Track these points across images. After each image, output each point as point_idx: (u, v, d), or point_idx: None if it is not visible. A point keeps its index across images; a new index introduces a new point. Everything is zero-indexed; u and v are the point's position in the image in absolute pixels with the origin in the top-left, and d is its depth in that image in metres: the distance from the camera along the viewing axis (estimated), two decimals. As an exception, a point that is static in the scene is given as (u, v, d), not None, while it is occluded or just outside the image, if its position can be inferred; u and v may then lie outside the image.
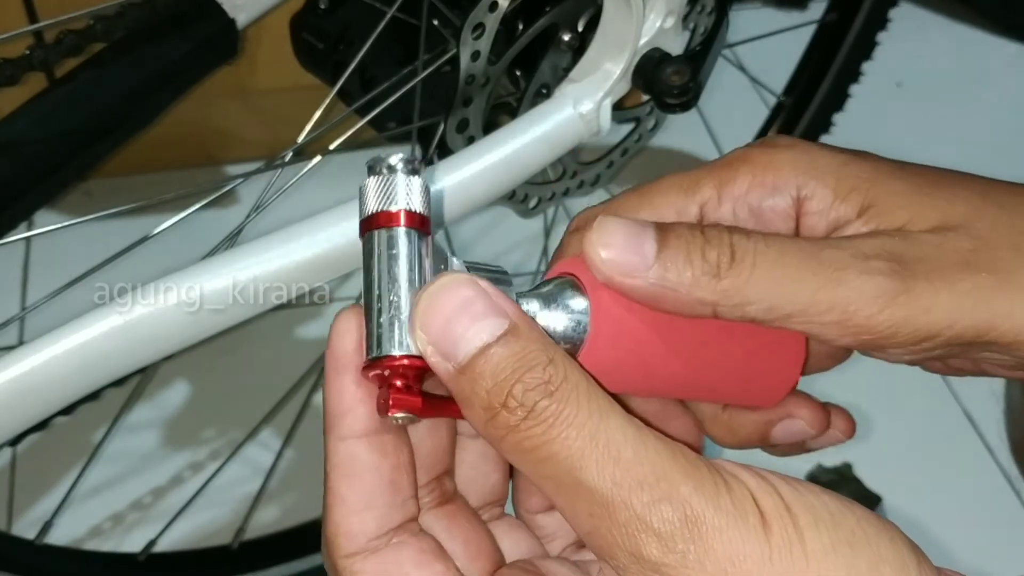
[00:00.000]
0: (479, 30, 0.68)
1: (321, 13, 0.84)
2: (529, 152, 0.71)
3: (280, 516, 1.09)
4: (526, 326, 0.31)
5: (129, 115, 0.70)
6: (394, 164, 0.33)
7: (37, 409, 0.58)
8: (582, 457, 0.29)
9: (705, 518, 0.28)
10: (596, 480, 0.28)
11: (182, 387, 1.23)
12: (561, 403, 0.29)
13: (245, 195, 1.17)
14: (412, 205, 0.32)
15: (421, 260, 0.32)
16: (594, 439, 0.29)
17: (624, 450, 0.29)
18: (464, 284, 0.31)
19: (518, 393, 0.29)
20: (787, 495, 0.29)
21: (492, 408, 0.30)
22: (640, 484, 0.28)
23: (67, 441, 0.98)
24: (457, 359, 0.30)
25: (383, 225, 0.32)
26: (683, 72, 0.74)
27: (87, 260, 0.66)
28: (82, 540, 1.07)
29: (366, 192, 0.33)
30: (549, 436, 0.29)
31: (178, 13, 0.71)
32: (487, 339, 0.30)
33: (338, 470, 0.33)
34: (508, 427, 0.29)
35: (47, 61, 0.70)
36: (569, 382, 0.30)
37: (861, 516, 0.29)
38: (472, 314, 0.30)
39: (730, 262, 0.34)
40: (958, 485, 1.19)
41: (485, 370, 0.30)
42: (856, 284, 0.34)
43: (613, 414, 0.30)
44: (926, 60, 1.74)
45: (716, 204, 0.39)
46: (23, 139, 0.66)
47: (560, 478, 0.29)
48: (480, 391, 0.30)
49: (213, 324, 0.61)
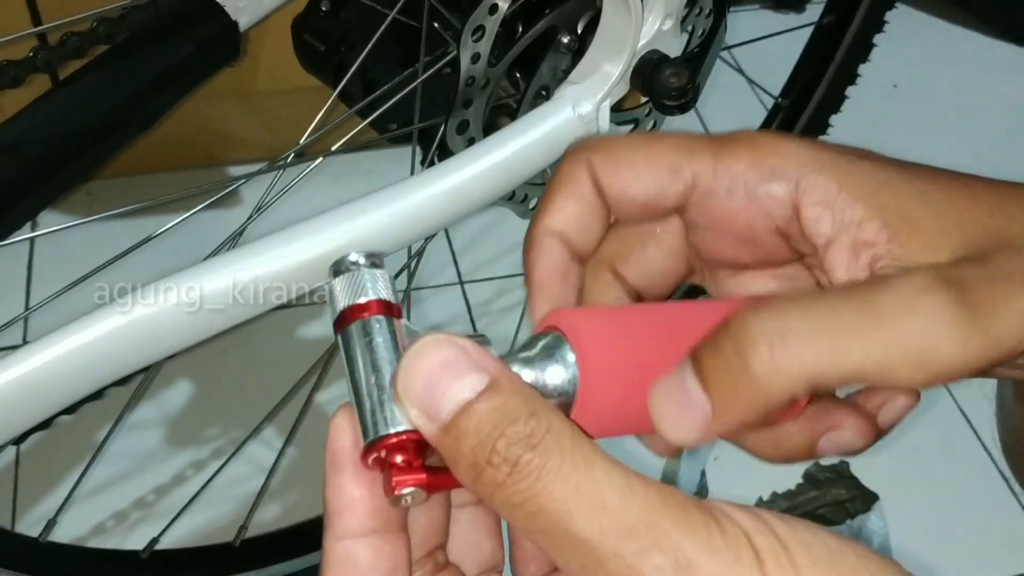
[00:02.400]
0: (479, 32, 0.68)
1: (323, 15, 0.84)
2: (528, 153, 0.71)
3: (282, 514, 1.09)
4: (507, 380, 0.30)
5: (132, 117, 0.70)
6: (356, 260, 0.34)
7: (41, 408, 0.59)
8: (569, 510, 0.28)
9: (698, 563, 0.27)
10: (585, 531, 0.28)
11: (184, 386, 1.23)
12: (545, 455, 0.28)
13: (247, 196, 1.18)
14: (380, 294, 0.33)
15: (398, 343, 0.33)
16: (580, 490, 0.28)
17: (611, 498, 0.28)
18: (443, 344, 0.31)
19: (501, 448, 0.29)
20: (783, 533, 0.28)
21: (478, 466, 0.29)
22: (629, 532, 0.28)
23: (70, 440, 0.99)
24: (441, 418, 0.30)
25: (356, 317, 0.33)
26: (681, 74, 0.74)
27: (90, 260, 0.67)
28: (85, 538, 1.08)
29: (335, 292, 0.34)
30: (535, 490, 0.28)
31: (181, 15, 0.72)
32: (468, 396, 0.30)
33: (334, 570, 0.33)
34: (495, 484, 0.29)
35: (51, 63, 0.70)
36: (552, 433, 0.29)
37: (861, 554, 0.28)
38: (452, 372, 0.30)
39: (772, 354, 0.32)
40: (955, 483, 1.20)
41: (468, 427, 0.29)
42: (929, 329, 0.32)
43: (598, 461, 0.29)
44: (922, 62, 1.75)
45: (711, 175, 0.38)
46: (27, 140, 0.66)
47: (551, 531, 0.28)
48: (465, 449, 0.29)
49: (214, 324, 0.61)
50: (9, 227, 0.66)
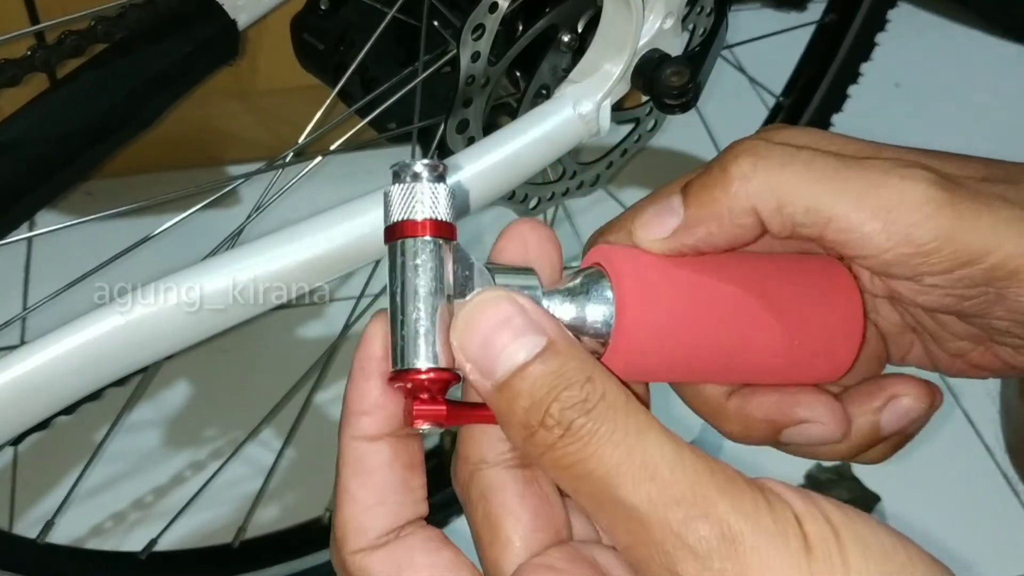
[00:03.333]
0: (479, 31, 0.68)
1: (322, 14, 0.84)
2: (529, 153, 0.71)
3: (281, 515, 1.09)
4: (564, 343, 0.30)
5: (130, 116, 0.70)
6: (419, 171, 0.32)
7: (39, 408, 0.59)
8: (618, 475, 0.28)
9: (743, 536, 0.27)
10: (632, 497, 0.28)
11: (183, 387, 1.23)
12: (598, 421, 0.29)
13: (246, 195, 1.18)
14: (437, 213, 0.32)
15: (445, 271, 0.32)
16: (631, 456, 0.28)
17: (661, 467, 0.28)
18: (502, 301, 0.31)
19: (555, 412, 0.29)
20: (837, 521, 0.28)
21: (530, 426, 0.29)
22: (677, 501, 0.28)
23: (69, 440, 0.99)
24: (495, 377, 0.30)
25: (408, 234, 0.32)
26: (682, 73, 0.74)
27: (88, 260, 0.67)
28: (84, 539, 1.08)
29: (390, 200, 0.32)
30: (586, 454, 0.29)
31: (179, 14, 0.71)
32: (525, 357, 0.30)
33: (350, 467, 0.33)
34: (546, 445, 0.29)
35: (49, 62, 0.70)
36: (606, 400, 0.29)
37: (914, 554, 0.28)
38: (510, 332, 0.30)
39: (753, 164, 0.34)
40: (957, 485, 1.19)
41: (523, 389, 0.30)
42: (901, 187, 0.33)
43: (651, 431, 0.29)
44: (924, 61, 1.75)
45: None
46: (25, 140, 0.66)
47: (597, 495, 0.29)
48: (518, 409, 0.30)
49: (213, 324, 0.61)
50: (7, 226, 0.66)
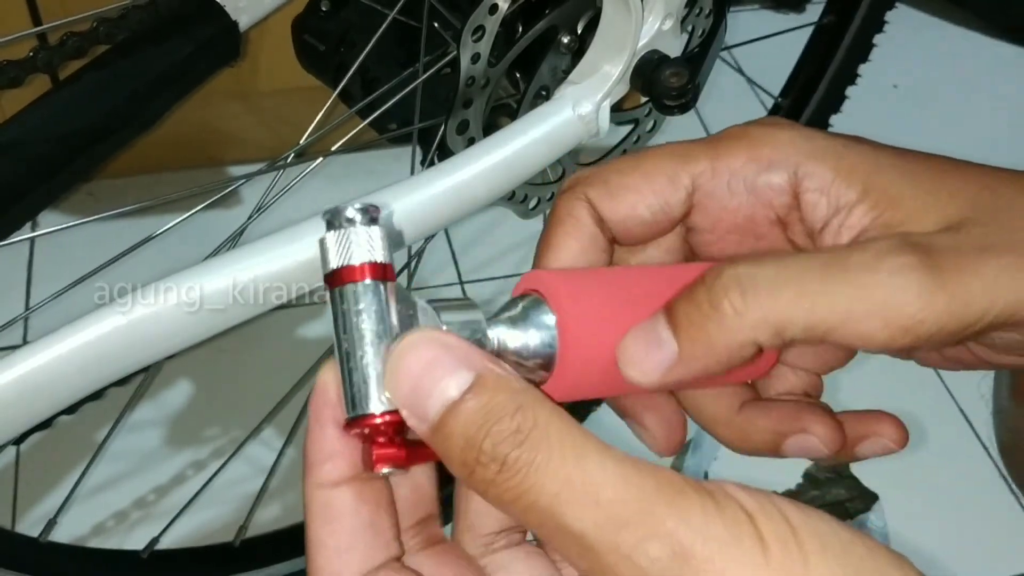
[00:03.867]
0: (479, 32, 0.69)
1: (323, 15, 0.84)
2: (529, 153, 0.71)
3: (282, 514, 1.09)
4: (492, 376, 0.30)
5: (132, 117, 0.70)
6: (351, 216, 0.32)
7: (41, 408, 0.59)
8: (561, 503, 0.28)
9: (694, 550, 0.27)
10: (579, 525, 0.28)
11: (184, 386, 1.23)
12: (532, 451, 0.28)
13: (247, 196, 1.18)
14: (374, 256, 0.32)
15: (387, 311, 0.32)
16: (570, 483, 0.28)
17: (604, 489, 0.28)
18: (427, 343, 0.31)
19: (488, 448, 0.28)
20: (794, 518, 0.28)
21: (468, 464, 0.29)
22: (624, 524, 0.27)
23: (70, 440, 0.99)
24: (429, 419, 0.30)
25: (347, 280, 0.32)
26: (681, 74, 0.74)
27: (91, 260, 0.67)
28: (86, 538, 1.08)
29: (326, 247, 0.33)
30: (526, 486, 0.28)
31: (180, 15, 0.72)
32: (454, 395, 0.29)
33: (318, 516, 0.33)
34: (486, 482, 0.29)
35: (51, 63, 0.70)
36: (539, 427, 0.29)
37: (872, 547, 0.28)
38: (438, 372, 0.30)
39: (743, 298, 0.33)
40: (955, 483, 1.20)
41: (455, 427, 0.29)
42: (892, 284, 0.33)
43: (589, 452, 0.28)
44: (922, 62, 1.75)
45: (710, 175, 0.39)
46: (27, 140, 0.66)
47: (545, 525, 0.28)
48: (454, 448, 0.29)
49: (214, 324, 0.61)
50: (9, 227, 0.66)
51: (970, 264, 0.34)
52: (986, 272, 0.33)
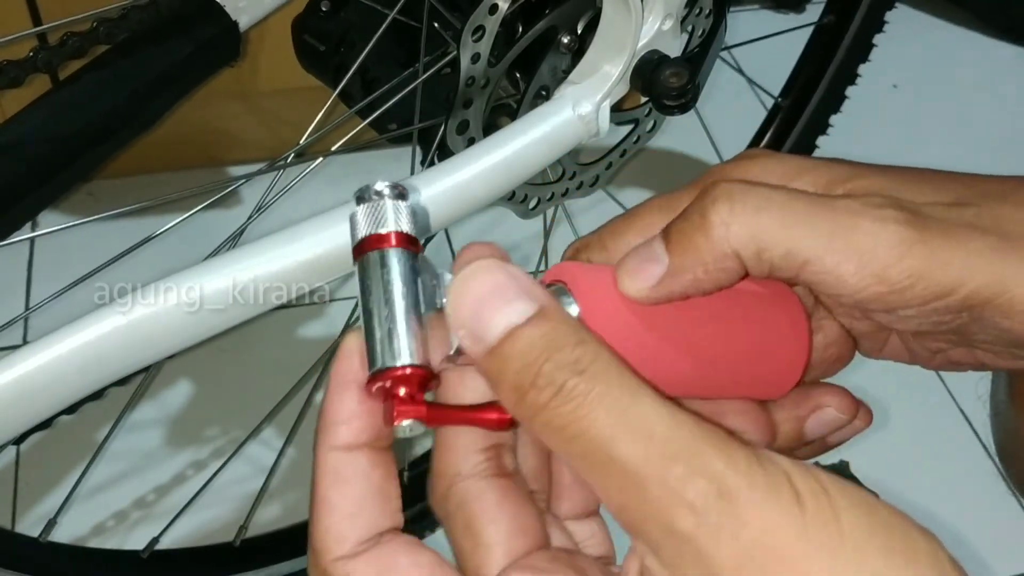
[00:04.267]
0: (479, 32, 0.69)
1: (323, 15, 0.84)
2: (529, 153, 0.71)
3: (282, 514, 1.09)
4: (555, 309, 0.31)
5: (132, 117, 0.70)
6: (381, 190, 0.34)
7: (41, 408, 0.59)
8: (613, 435, 0.28)
9: (739, 491, 0.28)
10: (628, 456, 0.28)
11: (185, 386, 1.23)
12: (591, 381, 0.29)
13: (247, 196, 1.18)
14: (401, 227, 0.34)
15: (414, 276, 0.34)
16: (625, 416, 0.29)
17: (656, 427, 0.28)
18: (494, 269, 0.32)
19: (547, 372, 0.29)
20: (824, 479, 0.29)
21: (521, 388, 0.30)
22: (673, 458, 0.28)
23: (71, 440, 0.99)
24: (486, 341, 0.31)
25: (376, 247, 0.33)
26: (681, 74, 0.74)
27: (91, 260, 0.67)
28: (86, 538, 1.08)
29: (356, 220, 0.34)
30: (579, 414, 0.29)
31: (181, 15, 0.72)
32: (516, 320, 0.30)
33: (328, 478, 0.34)
34: (537, 407, 0.29)
35: (51, 63, 0.70)
36: (599, 361, 0.29)
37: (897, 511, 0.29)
38: (503, 297, 0.31)
39: (731, 210, 0.34)
40: (956, 485, 1.20)
41: (514, 350, 0.30)
42: (873, 230, 0.34)
43: (645, 393, 0.29)
44: (922, 62, 1.75)
45: None
46: (27, 141, 0.66)
47: (591, 456, 0.29)
48: (509, 371, 0.30)
49: (213, 324, 0.61)
50: (9, 227, 0.66)
51: (954, 233, 0.35)
52: (969, 245, 0.34)
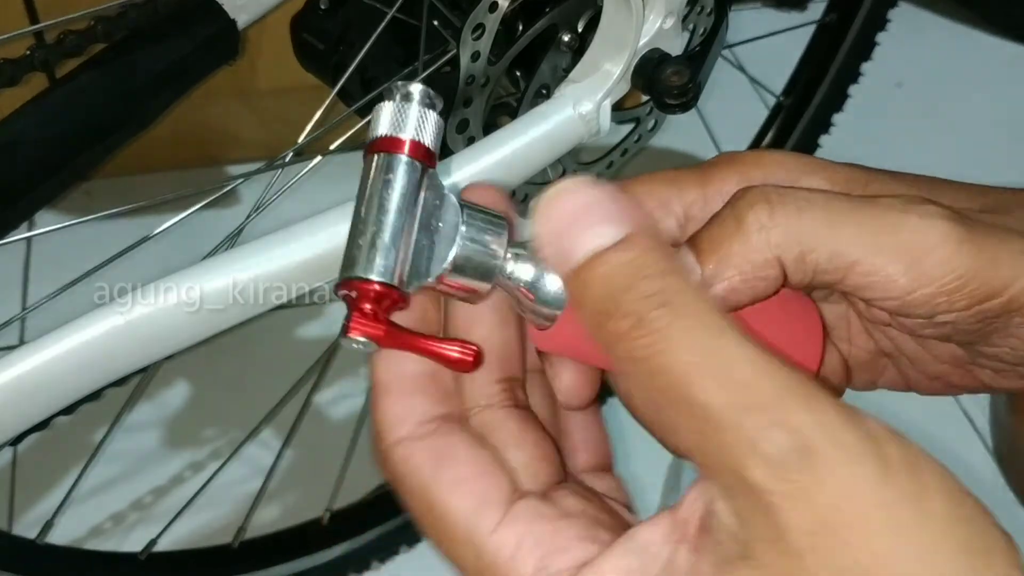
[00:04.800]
0: (479, 31, 0.68)
1: (322, 14, 0.84)
2: (529, 152, 0.71)
3: (280, 515, 1.09)
4: (646, 235, 0.30)
5: (130, 116, 0.70)
6: (412, 93, 0.32)
7: (38, 409, 0.59)
8: (693, 373, 0.27)
9: (820, 449, 0.26)
10: (707, 399, 0.27)
11: (183, 387, 1.23)
12: (674, 315, 0.28)
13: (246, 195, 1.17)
14: (421, 136, 0.32)
15: (417, 192, 0.32)
16: (707, 355, 0.27)
17: (740, 370, 0.27)
18: (587, 187, 0.30)
19: (629, 301, 0.28)
20: (918, 453, 0.27)
21: (603, 314, 0.29)
22: (754, 406, 0.26)
23: (68, 441, 0.98)
24: (572, 261, 0.30)
25: (389, 149, 0.32)
26: (682, 73, 0.74)
27: (88, 260, 0.66)
28: (83, 540, 1.08)
29: (378, 116, 0.32)
30: (659, 348, 0.27)
31: (179, 14, 0.71)
32: (603, 243, 0.29)
33: (383, 363, 0.34)
34: (617, 335, 0.28)
35: (48, 62, 0.70)
36: (685, 294, 0.28)
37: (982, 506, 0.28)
38: (592, 217, 0.30)
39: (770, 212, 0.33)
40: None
41: (596, 276, 0.29)
42: (921, 227, 0.32)
43: (731, 332, 0.27)
44: (925, 61, 1.74)
45: (702, 204, 0.38)
46: (24, 139, 0.66)
47: (667, 392, 0.27)
48: (591, 297, 0.29)
49: (213, 324, 0.61)
50: (6, 226, 0.66)
51: (1000, 233, 0.33)
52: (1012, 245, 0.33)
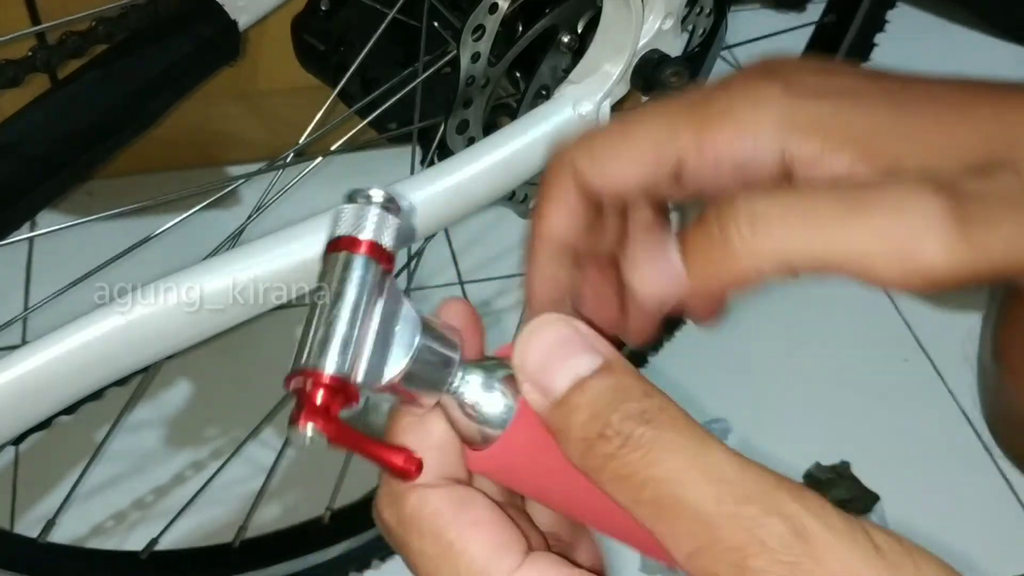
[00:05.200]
0: (479, 32, 0.68)
1: (322, 15, 0.84)
2: (529, 153, 0.71)
3: (281, 514, 1.09)
4: (620, 363, 0.31)
5: (131, 116, 0.70)
6: (372, 196, 0.32)
7: (40, 408, 0.59)
8: (683, 479, 0.28)
9: (815, 532, 0.27)
10: (699, 499, 0.28)
11: (184, 386, 1.23)
12: (659, 429, 0.29)
13: (246, 196, 1.18)
14: (381, 239, 0.32)
15: (373, 291, 0.32)
16: (695, 461, 0.28)
17: (727, 471, 0.28)
18: (559, 323, 0.32)
19: (615, 422, 0.29)
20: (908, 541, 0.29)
21: (588, 439, 0.30)
22: (746, 499, 0.28)
23: (69, 440, 0.99)
24: (554, 393, 0.31)
25: (349, 249, 0.32)
26: (682, 73, 0.74)
27: (89, 260, 0.67)
28: (85, 539, 1.08)
29: (339, 217, 0.33)
30: (648, 459, 0.29)
31: (180, 15, 0.72)
32: (583, 373, 0.30)
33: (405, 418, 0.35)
34: (605, 456, 0.29)
35: (50, 63, 0.70)
36: (667, 412, 0.29)
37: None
38: (569, 350, 0.31)
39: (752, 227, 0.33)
40: (956, 484, 1.20)
41: (582, 402, 0.30)
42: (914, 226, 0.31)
43: (713, 442, 0.29)
44: (923, 62, 1.73)
45: (696, 154, 0.37)
46: (26, 140, 0.66)
47: (660, 501, 0.28)
48: (576, 423, 0.30)
49: (213, 324, 0.61)
50: (8, 227, 0.66)
51: (995, 215, 0.32)
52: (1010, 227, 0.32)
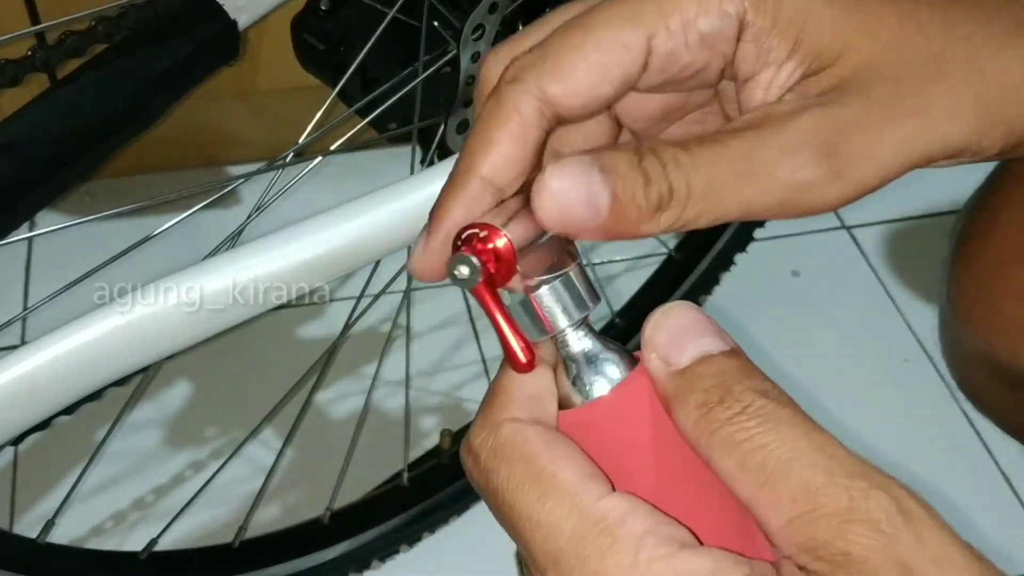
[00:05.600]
0: (479, 31, 0.68)
1: (322, 14, 0.84)
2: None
3: (281, 515, 1.09)
4: (745, 354, 0.33)
5: (131, 116, 0.70)
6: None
7: (39, 408, 0.59)
8: (795, 449, 0.30)
9: (921, 517, 0.30)
10: (810, 467, 0.30)
11: (184, 387, 1.23)
12: (780, 405, 0.31)
13: (246, 195, 1.18)
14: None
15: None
16: (808, 437, 0.30)
17: (838, 452, 0.30)
18: (694, 308, 0.34)
19: (737, 392, 0.31)
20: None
21: (708, 404, 0.31)
22: (856, 475, 0.30)
23: (69, 440, 0.99)
24: (679, 361, 0.32)
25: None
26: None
27: (89, 260, 0.67)
28: (84, 539, 1.08)
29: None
30: (765, 427, 0.31)
31: (180, 14, 0.72)
32: (712, 350, 0.32)
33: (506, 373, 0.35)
34: (722, 420, 0.31)
35: (49, 62, 0.70)
36: (785, 396, 0.32)
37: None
38: (701, 331, 0.33)
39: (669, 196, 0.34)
40: (955, 484, 1.20)
41: (708, 371, 0.32)
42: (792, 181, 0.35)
43: (826, 430, 0.31)
44: None
45: (666, 36, 0.36)
46: (25, 140, 0.66)
47: (768, 466, 0.30)
48: (699, 388, 0.32)
49: (213, 324, 0.61)
50: (7, 226, 0.66)
51: (868, 145, 0.35)
52: (883, 151, 0.35)
